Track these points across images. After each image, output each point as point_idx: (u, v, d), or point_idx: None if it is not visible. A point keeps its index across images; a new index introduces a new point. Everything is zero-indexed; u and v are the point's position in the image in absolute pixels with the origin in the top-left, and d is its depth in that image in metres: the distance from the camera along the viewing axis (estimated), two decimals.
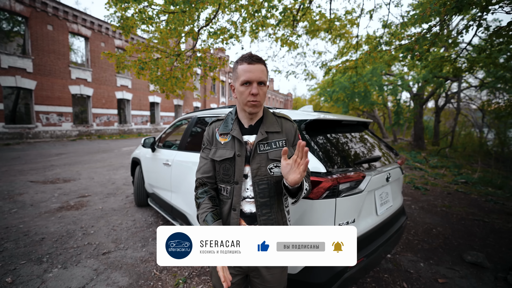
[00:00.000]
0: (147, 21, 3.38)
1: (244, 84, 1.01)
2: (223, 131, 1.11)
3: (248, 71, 1.00)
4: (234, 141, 1.09)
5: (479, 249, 2.86)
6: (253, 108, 1.03)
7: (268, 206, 1.09)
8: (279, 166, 1.08)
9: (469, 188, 5.63)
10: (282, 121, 1.16)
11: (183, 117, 3.24)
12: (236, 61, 1.07)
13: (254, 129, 1.11)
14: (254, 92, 0.99)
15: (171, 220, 2.86)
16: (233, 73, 1.09)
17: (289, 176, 0.91)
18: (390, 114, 16.87)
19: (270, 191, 1.09)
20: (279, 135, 1.11)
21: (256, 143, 1.07)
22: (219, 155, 1.10)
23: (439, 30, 2.47)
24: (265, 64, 1.06)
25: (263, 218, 1.09)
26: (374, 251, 1.69)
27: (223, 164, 1.10)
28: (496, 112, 12.13)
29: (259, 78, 1.01)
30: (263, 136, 1.07)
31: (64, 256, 2.49)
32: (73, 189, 4.86)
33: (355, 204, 1.58)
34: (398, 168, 2.08)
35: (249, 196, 1.10)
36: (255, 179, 1.07)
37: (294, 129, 1.16)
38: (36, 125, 13.76)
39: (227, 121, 1.14)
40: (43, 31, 13.75)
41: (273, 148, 1.08)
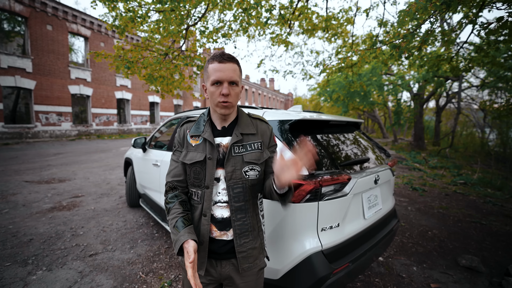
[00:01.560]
0: (137, 20, 3.34)
1: (214, 84, 0.96)
2: (194, 133, 1.06)
3: (219, 70, 0.94)
4: (206, 143, 1.04)
5: (474, 252, 2.80)
6: (225, 109, 0.99)
7: (243, 211, 1.05)
8: (254, 169, 1.04)
9: (468, 189, 5.55)
10: (258, 122, 1.12)
11: (173, 117, 3.20)
12: (207, 60, 1.02)
13: (227, 130, 1.06)
14: (224, 93, 0.94)
15: (160, 222, 2.81)
16: (204, 73, 1.04)
17: (283, 175, 0.83)
18: (390, 114, 16.78)
19: (245, 195, 1.05)
20: (254, 137, 1.07)
21: (231, 145, 1.02)
22: (190, 158, 1.05)
23: (430, 27, 2.41)
24: (238, 63, 1.00)
25: (238, 223, 1.04)
26: (361, 255, 1.64)
27: (194, 167, 1.05)
28: (497, 112, 12.02)
29: (230, 77, 0.95)
30: (238, 138, 1.03)
31: (50, 258, 2.45)
32: (67, 189, 4.84)
33: (340, 208, 1.52)
34: (388, 170, 2.02)
35: (221, 201, 1.05)
36: (230, 183, 1.02)
37: (270, 131, 1.12)
38: (36, 124, 13.79)
39: (199, 123, 1.09)
40: (42, 31, 13.78)
41: (248, 151, 1.04)
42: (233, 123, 1.08)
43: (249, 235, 1.06)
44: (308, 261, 1.41)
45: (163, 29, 3.38)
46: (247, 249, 1.06)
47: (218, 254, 1.06)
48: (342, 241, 1.54)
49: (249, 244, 1.06)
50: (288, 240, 1.46)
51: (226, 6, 3.25)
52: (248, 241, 1.06)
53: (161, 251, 2.67)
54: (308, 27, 5.78)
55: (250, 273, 1.08)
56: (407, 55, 2.48)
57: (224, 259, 1.06)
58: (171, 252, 2.66)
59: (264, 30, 4.52)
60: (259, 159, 1.05)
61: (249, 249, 1.06)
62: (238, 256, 1.04)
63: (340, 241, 1.53)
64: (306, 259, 1.42)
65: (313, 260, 1.41)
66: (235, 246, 1.04)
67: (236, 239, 1.04)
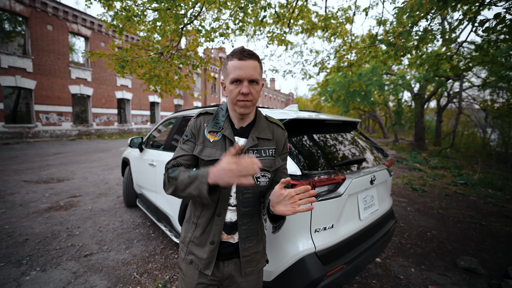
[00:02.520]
0: (133, 19, 3.32)
1: (234, 82, 0.92)
2: (213, 128, 1.01)
3: (239, 68, 0.90)
4: (225, 141, 0.99)
5: (474, 254, 2.76)
6: (244, 108, 0.94)
7: (250, 216, 1.04)
8: (266, 176, 1.01)
9: (468, 189, 5.51)
10: (274, 127, 1.08)
11: (170, 116, 3.18)
12: (227, 56, 0.97)
13: (244, 132, 1.02)
14: (244, 91, 0.90)
15: (156, 222, 2.80)
16: (223, 70, 0.99)
17: (278, 206, 0.83)
18: (391, 114, 16.72)
19: (253, 201, 1.03)
20: (269, 143, 1.03)
21: (246, 149, 0.98)
22: (207, 154, 0.98)
23: (428, 25, 2.37)
24: (258, 60, 0.95)
25: (244, 227, 1.03)
26: (356, 257, 1.61)
27: (211, 165, 0.97)
28: (499, 112, 11.94)
29: (251, 76, 0.90)
30: (253, 142, 0.99)
31: (45, 258, 2.43)
32: (65, 189, 4.83)
33: (334, 209, 1.50)
34: (385, 170, 1.99)
35: (232, 204, 1.02)
36: (240, 187, 1.00)
37: (285, 138, 1.09)
38: (36, 124, 13.81)
39: (218, 118, 1.03)
40: (43, 31, 13.79)
41: (262, 157, 1.00)
42: (250, 125, 1.03)
43: (253, 239, 1.06)
44: (301, 263, 1.39)
45: (159, 29, 3.36)
46: (251, 253, 1.05)
47: (223, 255, 1.05)
48: (337, 243, 1.52)
49: (253, 248, 1.06)
50: (281, 242, 1.43)
51: (223, 5, 3.23)
52: (252, 245, 1.05)
53: (157, 252, 2.65)
54: (307, 26, 5.75)
55: (251, 273, 1.07)
56: (403, 53, 2.44)
57: (228, 259, 1.06)
58: (167, 252, 2.64)
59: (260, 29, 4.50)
60: (271, 166, 1.02)
61: (253, 253, 1.06)
62: (242, 260, 1.03)
63: (334, 242, 1.50)
64: (299, 261, 1.39)
65: (306, 262, 1.39)
66: (240, 250, 1.03)
67: (241, 243, 1.03)
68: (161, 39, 4.51)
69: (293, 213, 0.81)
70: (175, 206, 2.31)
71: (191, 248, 1.06)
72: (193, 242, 1.06)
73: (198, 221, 1.05)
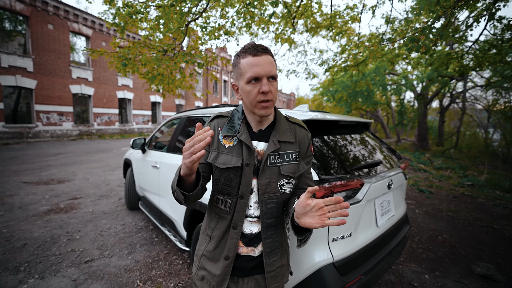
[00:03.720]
0: (136, 16, 3.23)
1: (251, 81, 0.82)
2: (228, 133, 0.91)
3: (255, 64, 0.81)
4: (242, 146, 0.90)
5: (488, 259, 2.66)
6: (265, 110, 0.84)
7: (274, 227, 0.94)
8: (290, 182, 0.91)
9: (476, 191, 5.40)
10: (296, 128, 0.97)
11: (174, 116, 3.09)
12: (237, 54, 0.87)
13: (264, 135, 0.92)
14: (265, 90, 0.80)
15: (160, 226, 2.71)
16: (234, 70, 0.89)
17: (304, 218, 0.72)
18: (393, 114, 16.62)
19: (277, 211, 0.93)
20: (292, 146, 0.93)
21: (268, 155, 0.88)
22: (223, 162, 0.89)
23: (446, 21, 2.27)
24: (272, 55, 0.87)
25: (268, 240, 0.93)
26: (374, 266, 1.52)
27: (226, 173, 0.90)
28: (503, 112, 11.83)
29: (269, 71, 0.81)
30: (275, 146, 0.89)
31: (44, 265, 2.34)
32: (66, 190, 4.74)
33: (352, 216, 1.40)
34: (401, 173, 1.90)
35: (252, 215, 0.93)
36: (263, 197, 0.90)
37: (309, 139, 0.98)
38: (37, 124, 13.74)
39: (233, 121, 0.94)
40: (43, 30, 13.72)
41: (285, 162, 0.91)
42: (270, 127, 0.94)
43: (278, 252, 0.96)
44: (318, 275, 1.29)
45: (163, 26, 3.26)
46: (276, 267, 0.96)
47: (242, 270, 0.95)
48: (354, 252, 1.43)
49: (278, 262, 0.96)
50: (296, 251, 1.34)
51: (229, 2, 3.13)
52: (277, 259, 0.96)
53: (160, 257, 2.55)
54: (312, 25, 5.65)
55: None
56: (426, 50, 2.34)
57: (248, 275, 0.96)
58: (171, 258, 2.55)
59: (268, 27, 4.39)
60: (295, 172, 0.92)
61: (278, 268, 0.96)
62: (267, 276, 0.94)
63: (352, 251, 1.41)
64: (316, 272, 1.30)
65: (323, 273, 1.29)
66: (265, 266, 0.93)
67: (266, 258, 0.93)
68: (164, 37, 4.42)
69: (322, 227, 0.70)
70: (180, 210, 2.22)
71: (203, 263, 0.97)
72: (206, 256, 0.97)
73: (212, 233, 0.96)
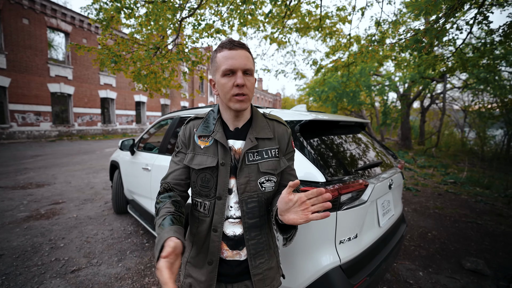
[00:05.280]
0: (125, 12, 3.07)
1: (226, 74, 0.81)
2: (202, 133, 0.89)
3: (230, 57, 0.80)
4: (217, 146, 0.87)
5: (476, 254, 2.77)
6: (240, 104, 0.82)
7: (258, 228, 0.90)
8: (271, 180, 0.89)
9: (459, 188, 5.65)
10: (275, 124, 0.96)
11: (165, 117, 2.98)
12: (215, 50, 0.87)
13: (241, 133, 0.90)
14: (239, 83, 0.79)
15: (151, 231, 2.59)
16: (211, 65, 0.88)
17: (287, 214, 0.71)
18: (377, 114, 17.11)
19: (260, 210, 0.89)
20: (271, 143, 0.91)
21: (245, 152, 0.86)
22: (198, 163, 0.88)
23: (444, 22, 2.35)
24: (249, 51, 0.85)
25: (253, 242, 0.89)
26: (377, 267, 1.51)
27: (202, 173, 0.88)
28: (478, 113, 12.53)
29: (244, 65, 0.81)
30: (252, 143, 0.87)
31: (25, 277, 2.17)
32: (46, 195, 4.46)
33: (358, 217, 1.39)
34: (399, 173, 1.92)
35: (233, 216, 0.89)
36: (243, 196, 0.87)
37: (288, 135, 0.96)
38: (11, 125, 12.91)
39: (208, 121, 0.92)
40: (18, 25, 12.91)
41: (264, 159, 0.88)
42: (247, 124, 0.92)
43: (264, 254, 0.92)
44: (326, 278, 1.26)
45: (153, 22, 3.13)
46: (263, 270, 0.91)
47: (230, 276, 0.91)
48: (360, 253, 1.41)
49: (265, 264, 0.92)
50: (303, 255, 1.30)
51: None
52: (264, 261, 0.91)
53: (153, 264, 2.44)
54: (302, 25, 5.67)
55: None
56: (428, 51, 2.40)
57: (237, 281, 0.92)
58: None
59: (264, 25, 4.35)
60: (276, 168, 0.90)
61: (265, 270, 0.92)
62: (253, 279, 0.89)
63: (358, 253, 1.40)
64: (323, 276, 1.27)
65: (331, 277, 1.27)
66: (250, 268, 0.89)
67: (251, 260, 0.89)
68: (150, 35, 4.25)
69: (306, 222, 0.68)
70: None
71: (188, 270, 0.93)
72: (190, 263, 0.93)
73: (194, 238, 0.93)
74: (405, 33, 2.72)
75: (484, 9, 2.39)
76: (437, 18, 2.34)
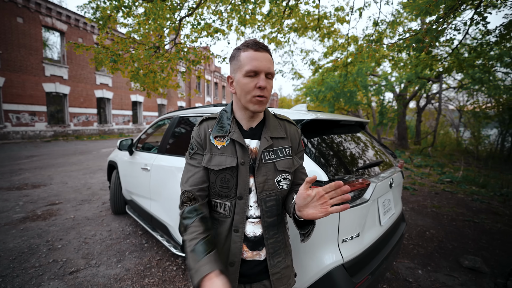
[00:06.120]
0: (123, 10, 3.04)
1: (249, 75, 0.81)
2: (218, 133, 0.89)
3: (256, 59, 0.81)
4: (235, 145, 0.87)
5: (474, 252, 2.80)
6: (259, 105, 0.83)
7: (276, 226, 0.91)
8: (287, 178, 0.91)
9: (455, 187, 5.71)
10: (286, 124, 0.98)
11: (164, 116, 2.96)
12: (238, 48, 0.86)
13: (255, 133, 0.91)
14: (262, 85, 0.80)
15: (151, 231, 2.57)
16: (232, 62, 0.88)
17: (306, 209, 0.72)
18: (374, 114, 17.25)
19: (278, 209, 0.91)
20: (284, 142, 0.93)
21: (262, 151, 0.87)
22: (217, 163, 0.87)
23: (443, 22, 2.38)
24: (271, 55, 0.86)
25: (271, 241, 0.90)
26: (379, 265, 1.52)
27: (222, 174, 0.87)
28: (473, 113, 12.69)
29: (268, 68, 0.82)
30: (268, 142, 0.88)
31: (22, 279, 2.13)
32: (42, 195, 4.40)
33: (360, 216, 1.39)
34: (400, 172, 1.93)
35: (253, 216, 0.89)
36: (262, 195, 0.87)
37: (299, 134, 0.99)
38: (5, 125, 12.73)
39: (223, 121, 0.92)
40: (11, 23, 12.73)
41: (280, 157, 0.90)
42: (260, 124, 0.93)
43: (281, 252, 0.93)
44: (329, 277, 1.27)
45: (152, 21, 3.10)
46: (280, 269, 0.92)
47: (248, 277, 0.91)
48: (362, 252, 1.42)
49: (282, 263, 0.93)
50: (306, 254, 1.30)
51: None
52: (281, 260, 0.93)
53: (153, 264, 2.42)
54: (299, 25, 5.69)
55: None
56: (428, 51, 2.43)
57: (255, 281, 0.92)
58: (164, 264, 2.43)
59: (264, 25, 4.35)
60: (291, 167, 0.92)
61: (283, 269, 0.93)
62: (272, 278, 0.90)
63: (360, 251, 1.40)
64: (326, 275, 1.27)
65: (334, 275, 1.27)
66: (269, 268, 0.90)
67: (270, 260, 0.90)
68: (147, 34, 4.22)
69: (326, 215, 0.69)
70: (175, 214, 2.12)
71: None
72: None
73: None
74: (404, 33, 2.76)
75: (482, 9, 2.43)
76: (437, 18, 2.37)
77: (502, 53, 4.93)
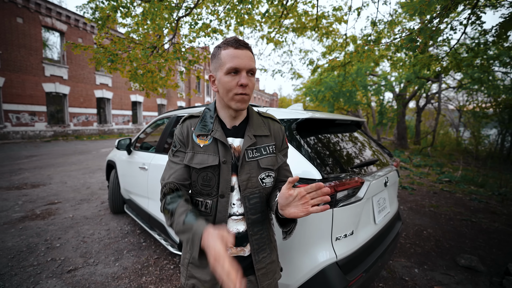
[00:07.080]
0: (121, 11, 3.05)
1: (230, 72, 0.81)
2: (201, 132, 0.89)
3: (236, 56, 0.80)
4: (217, 144, 0.88)
5: (470, 251, 2.81)
6: (242, 103, 0.83)
7: (260, 223, 0.93)
8: (270, 175, 0.92)
9: (453, 187, 5.72)
10: (269, 122, 0.99)
11: (162, 116, 2.97)
12: (218, 46, 0.86)
13: (238, 131, 0.91)
14: (243, 83, 0.80)
15: (149, 230, 2.59)
16: (213, 61, 0.88)
17: (288, 208, 0.74)
18: (374, 114, 17.26)
19: (262, 206, 0.92)
20: (268, 139, 0.94)
21: (245, 149, 0.88)
22: (199, 162, 0.87)
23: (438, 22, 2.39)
24: (252, 52, 0.86)
25: (256, 237, 0.92)
26: (373, 264, 1.53)
27: (204, 172, 0.88)
28: (473, 112, 12.70)
29: (249, 65, 0.82)
30: (251, 140, 0.89)
31: (20, 277, 2.15)
32: (42, 195, 4.42)
33: (354, 214, 1.40)
34: (395, 171, 1.94)
35: (236, 213, 0.90)
36: (245, 193, 0.88)
37: (282, 132, 1.00)
38: (5, 125, 12.75)
39: (205, 120, 0.92)
40: (11, 23, 12.76)
41: (263, 155, 0.91)
42: (244, 123, 0.93)
43: (266, 248, 0.95)
44: (323, 274, 1.28)
45: (150, 21, 3.11)
46: (266, 264, 0.94)
47: None
48: (356, 250, 1.43)
49: (267, 258, 0.95)
50: (300, 252, 1.31)
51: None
52: (266, 255, 0.94)
53: (150, 263, 2.44)
54: (298, 25, 5.70)
55: (269, 286, 0.96)
56: (422, 50, 2.44)
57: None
58: (161, 263, 2.44)
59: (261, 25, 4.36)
60: (274, 164, 0.93)
61: (268, 264, 0.95)
62: (257, 274, 0.92)
63: (354, 250, 1.41)
64: (320, 272, 1.28)
65: (327, 273, 1.28)
66: (254, 263, 0.91)
67: (255, 255, 0.91)
68: (146, 34, 4.23)
69: (306, 215, 0.71)
70: None
71: (191, 271, 0.93)
72: (193, 264, 0.92)
73: None
74: (400, 32, 2.76)
75: (478, 9, 2.43)
76: (431, 18, 2.38)
77: (501, 52, 4.94)
